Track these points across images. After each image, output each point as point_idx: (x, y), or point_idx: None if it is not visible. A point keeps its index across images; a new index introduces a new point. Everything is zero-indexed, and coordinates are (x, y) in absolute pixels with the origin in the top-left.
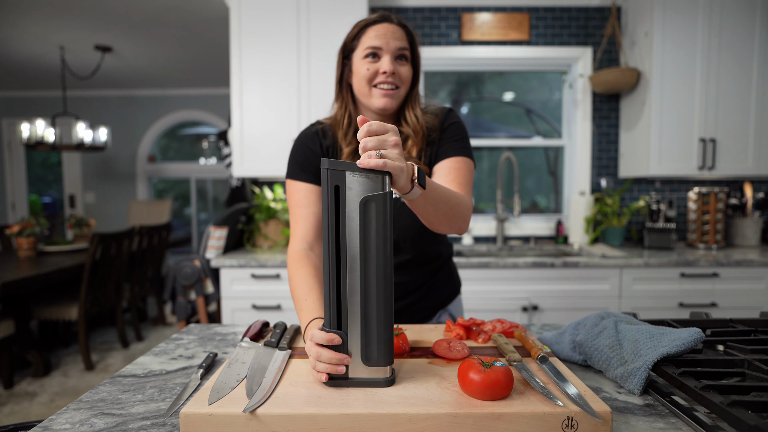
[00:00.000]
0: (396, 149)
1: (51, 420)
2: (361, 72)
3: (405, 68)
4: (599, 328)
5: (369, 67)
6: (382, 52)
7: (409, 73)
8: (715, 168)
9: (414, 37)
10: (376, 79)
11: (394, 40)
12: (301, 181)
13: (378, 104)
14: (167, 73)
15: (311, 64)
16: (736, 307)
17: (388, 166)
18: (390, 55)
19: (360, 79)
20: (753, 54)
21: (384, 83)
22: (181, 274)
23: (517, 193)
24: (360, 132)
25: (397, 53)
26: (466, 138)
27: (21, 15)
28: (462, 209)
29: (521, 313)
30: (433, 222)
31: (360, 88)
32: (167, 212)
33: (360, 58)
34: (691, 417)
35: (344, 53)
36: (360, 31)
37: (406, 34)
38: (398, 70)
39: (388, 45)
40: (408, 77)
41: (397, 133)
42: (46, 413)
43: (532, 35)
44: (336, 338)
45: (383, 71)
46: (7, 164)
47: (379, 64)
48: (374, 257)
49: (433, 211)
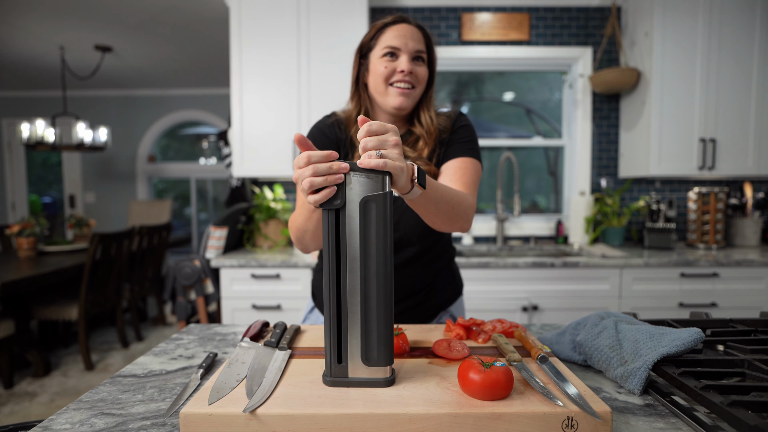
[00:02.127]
0: (396, 149)
1: (51, 420)
2: (379, 70)
3: (422, 69)
4: (599, 328)
5: (387, 66)
6: (400, 52)
7: (425, 73)
8: (715, 168)
9: (431, 40)
10: (393, 78)
11: (412, 41)
12: None
13: (394, 103)
14: (167, 73)
15: (311, 64)
16: (736, 307)
17: (388, 166)
18: (408, 55)
19: (377, 77)
20: (753, 54)
21: (401, 82)
22: (181, 274)
23: (517, 193)
24: (360, 132)
25: (415, 54)
26: (474, 140)
27: (21, 15)
28: (464, 208)
29: (521, 313)
30: (435, 221)
31: (376, 86)
32: (167, 212)
33: (378, 57)
34: (691, 417)
35: (361, 52)
36: (378, 31)
37: (424, 36)
38: (415, 69)
39: (406, 45)
40: (424, 78)
41: (397, 133)
42: (46, 413)
43: (532, 35)
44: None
45: (401, 70)
46: (7, 164)
47: (397, 63)
48: (374, 257)
49: (435, 210)
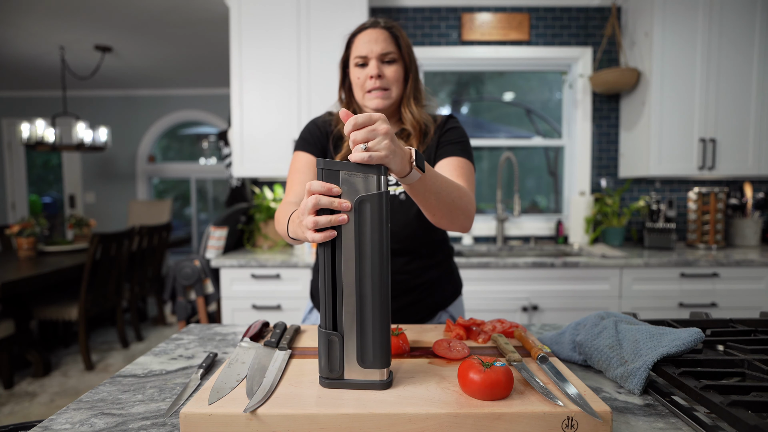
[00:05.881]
0: (385, 138)
1: (51, 420)
2: (354, 80)
3: (391, 69)
4: (599, 328)
5: (359, 75)
6: (368, 59)
7: (396, 73)
8: (715, 168)
9: (399, 38)
10: (366, 85)
11: (377, 45)
12: (305, 152)
13: (371, 105)
14: (167, 73)
15: (311, 65)
16: (736, 307)
17: (374, 159)
18: (375, 60)
19: (355, 87)
20: (753, 54)
21: (374, 88)
22: (181, 274)
23: (517, 193)
24: (346, 127)
25: (382, 58)
26: (467, 142)
27: (21, 15)
28: (465, 202)
29: (521, 313)
30: (436, 214)
31: (357, 95)
32: (167, 212)
33: (353, 67)
34: (691, 417)
35: (343, 64)
36: (349, 42)
37: (392, 36)
38: (384, 72)
39: (372, 51)
40: (397, 77)
41: (386, 120)
42: (46, 413)
43: (532, 35)
44: (335, 188)
45: (370, 76)
46: (7, 164)
47: (367, 71)
48: (369, 258)
49: (435, 201)
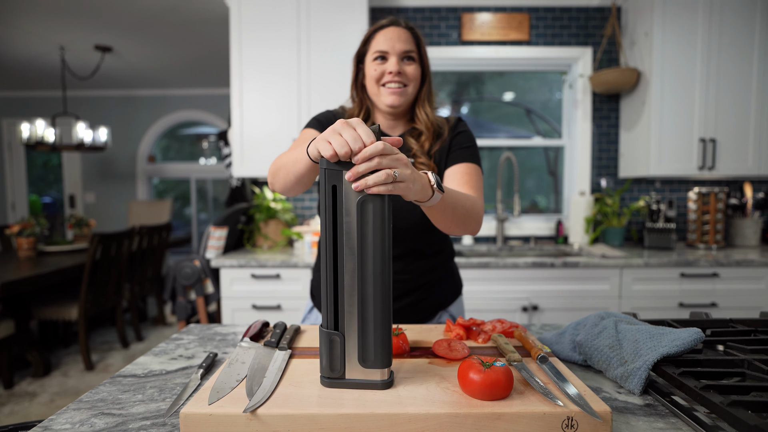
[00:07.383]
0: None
1: (51, 420)
2: (371, 73)
3: (411, 67)
4: (599, 328)
5: (377, 69)
6: (389, 54)
7: (416, 72)
8: (715, 168)
9: (420, 39)
10: (384, 79)
11: (399, 43)
12: (314, 129)
13: (387, 101)
14: (167, 73)
15: (311, 64)
16: (736, 307)
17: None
18: (396, 57)
19: (370, 80)
20: (753, 54)
21: (391, 82)
22: (181, 274)
23: (517, 193)
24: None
25: (403, 55)
26: (475, 146)
27: (21, 15)
28: (476, 211)
29: (521, 313)
30: (450, 225)
31: (371, 89)
32: (167, 212)
33: (370, 61)
34: (691, 417)
35: (358, 58)
36: (370, 37)
37: (413, 36)
38: (404, 69)
39: (393, 48)
40: (415, 76)
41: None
42: (46, 413)
43: (532, 35)
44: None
45: (389, 71)
46: (7, 164)
47: (386, 66)
48: (372, 258)
49: (451, 215)
